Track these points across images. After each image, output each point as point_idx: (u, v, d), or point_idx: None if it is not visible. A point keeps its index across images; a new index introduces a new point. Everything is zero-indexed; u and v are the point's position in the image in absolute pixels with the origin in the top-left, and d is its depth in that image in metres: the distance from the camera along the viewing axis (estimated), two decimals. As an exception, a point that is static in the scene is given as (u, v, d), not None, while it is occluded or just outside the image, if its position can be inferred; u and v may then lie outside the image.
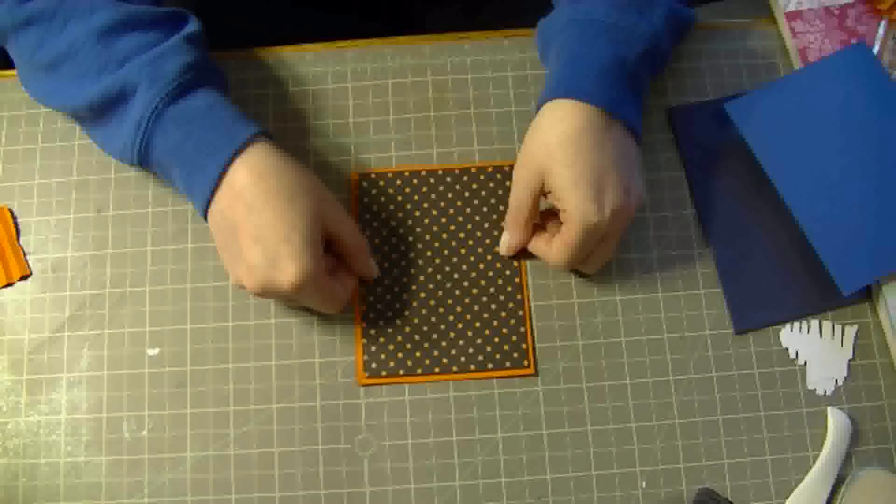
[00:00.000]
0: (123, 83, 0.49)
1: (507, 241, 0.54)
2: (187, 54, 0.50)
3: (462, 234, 0.56)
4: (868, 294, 0.55)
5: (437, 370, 0.53)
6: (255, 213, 0.47)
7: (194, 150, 0.49)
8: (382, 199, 0.56)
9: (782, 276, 0.55)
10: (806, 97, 0.55)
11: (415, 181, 0.57)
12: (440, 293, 0.55)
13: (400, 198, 0.57)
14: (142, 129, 0.49)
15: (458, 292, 0.55)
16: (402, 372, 0.53)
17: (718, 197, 0.57)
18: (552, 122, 0.50)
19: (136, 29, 0.50)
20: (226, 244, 0.49)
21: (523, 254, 0.55)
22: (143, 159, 0.50)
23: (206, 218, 0.50)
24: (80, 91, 0.50)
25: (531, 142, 0.51)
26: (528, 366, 0.53)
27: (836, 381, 0.54)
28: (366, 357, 0.54)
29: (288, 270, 0.47)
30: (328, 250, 0.51)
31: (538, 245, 0.53)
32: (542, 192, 0.51)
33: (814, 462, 0.52)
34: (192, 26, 0.52)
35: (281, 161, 0.49)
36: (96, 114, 0.51)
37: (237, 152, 0.48)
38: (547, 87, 0.52)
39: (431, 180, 0.57)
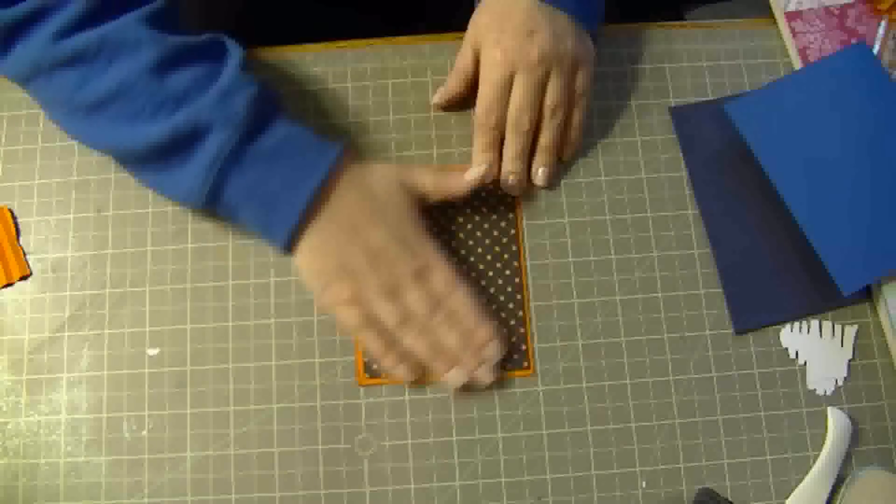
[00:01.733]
0: (194, 124, 0.47)
1: (443, 87, 0.57)
2: (249, 86, 0.49)
3: (462, 234, 0.56)
4: (868, 294, 0.55)
5: (437, 370, 0.53)
6: (372, 211, 0.51)
7: (278, 187, 0.49)
8: (382, 199, 0.56)
9: (782, 276, 0.55)
10: (806, 97, 0.55)
11: (415, 181, 0.57)
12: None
13: (400, 198, 0.56)
14: (215, 171, 0.48)
15: (458, 292, 0.55)
16: (402, 372, 0.53)
17: (718, 197, 0.57)
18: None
19: (186, 61, 0.49)
20: (333, 258, 0.50)
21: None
22: (210, 201, 0.49)
23: (289, 251, 0.51)
24: (135, 132, 0.48)
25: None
26: (528, 367, 0.53)
27: (836, 381, 0.54)
28: (366, 357, 0.54)
29: (417, 247, 0.51)
30: None
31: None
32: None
33: (814, 462, 0.52)
34: (237, 52, 0.51)
35: (363, 167, 0.52)
36: (155, 156, 0.49)
37: (327, 178, 0.50)
38: None
39: (431, 180, 0.57)
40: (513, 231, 0.56)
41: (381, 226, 0.51)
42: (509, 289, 0.55)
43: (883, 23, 0.59)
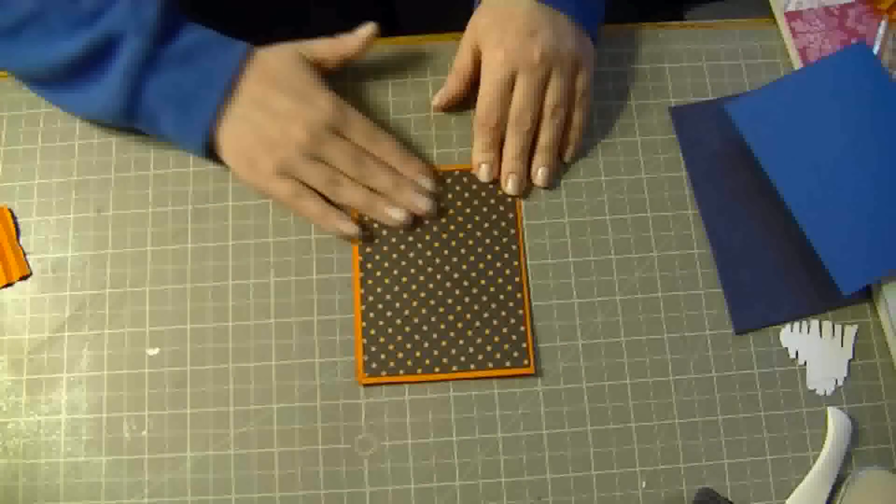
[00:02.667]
0: (107, 35, 0.49)
1: (443, 89, 0.58)
2: None
3: (462, 234, 0.56)
4: (868, 294, 0.55)
5: (437, 370, 0.53)
6: (274, 82, 0.52)
7: (194, 85, 0.51)
8: (382, 199, 0.56)
9: (782, 276, 0.55)
10: (806, 97, 0.55)
11: (415, 181, 0.57)
12: (440, 293, 0.55)
13: (400, 198, 0.57)
14: (130, 77, 0.49)
15: (458, 292, 0.55)
16: (402, 372, 0.53)
17: (718, 197, 0.57)
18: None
19: None
20: (250, 135, 0.52)
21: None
22: (127, 109, 0.51)
23: (206, 149, 0.53)
24: (51, 51, 0.50)
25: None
26: (529, 365, 0.53)
27: (836, 381, 0.54)
28: (366, 357, 0.54)
29: (321, 101, 0.52)
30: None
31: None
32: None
33: (814, 462, 0.52)
34: None
35: (260, 48, 0.54)
36: (70, 73, 0.51)
37: (237, 69, 0.52)
38: None
39: (431, 180, 0.57)
40: (513, 231, 0.56)
41: (284, 93, 0.52)
42: (509, 289, 0.55)
43: (883, 23, 0.59)
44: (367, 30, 0.55)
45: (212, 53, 0.52)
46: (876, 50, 0.58)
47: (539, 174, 0.56)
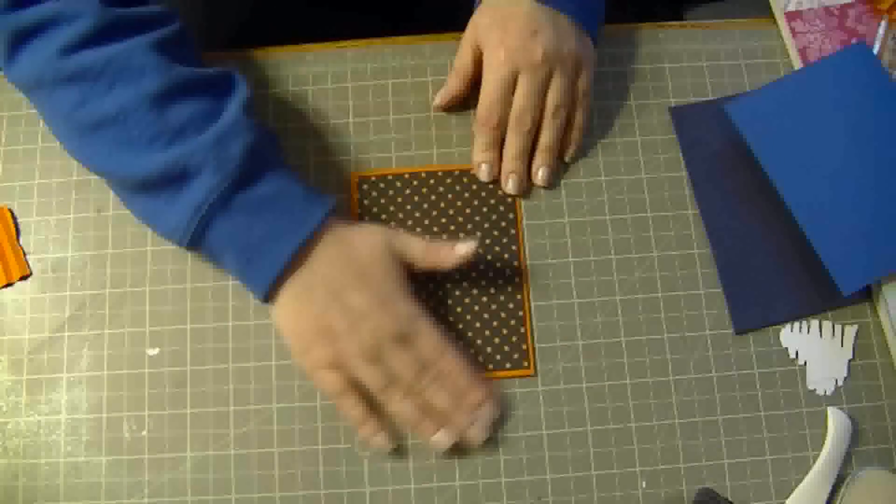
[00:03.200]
0: (186, 163, 0.46)
1: (444, 89, 0.57)
2: (249, 133, 0.48)
3: (462, 235, 0.56)
4: (868, 294, 0.55)
5: (437, 370, 0.53)
6: (356, 274, 0.49)
7: (260, 238, 0.48)
8: (383, 200, 0.56)
9: (782, 276, 0.55)
10: (806, 97, 0.55)
11: (415, 182, 0.57)
12: (440, 293, 0.55)
13: (400, 199, 0.56)
14: (201, 214, 0.47)
15: (458, 292, 0.55)
16: (402, 372, 0.53)
17: (718, 197, 0.57)
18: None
19: (189, 94, 0.48)
20: (313, 320, 0.49)
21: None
22: (193, 242, 0.48)
23: (267, 301, 0.50)
24: (128, 160, 0.47)
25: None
26: (528, 366, 0.53)
27: (836, 381, 0.54)
28: (366, 357, 0.54)
29: (400, 308, 0.49)
30: None
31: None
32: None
33: (814, 462, 0.52)
34: (243, 90, 0.50)
35: (350, 227, 0.51)
36: (146, 187, 0.48)
37: (311, 236, 0.49)
38: None
39: (431, 181, 0.57)
40: (513, 231, 0.56)
41: (364, 289, 0.49)
42: (509, 289, 0.55)
43: (883, 23, 0.59)
44: (465, 247, 0.51)
45: (288, 207, 0.49)
46: (876, 50, 0.58)
47: (539, 174, 0.56)
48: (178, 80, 0.48)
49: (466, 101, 0.58)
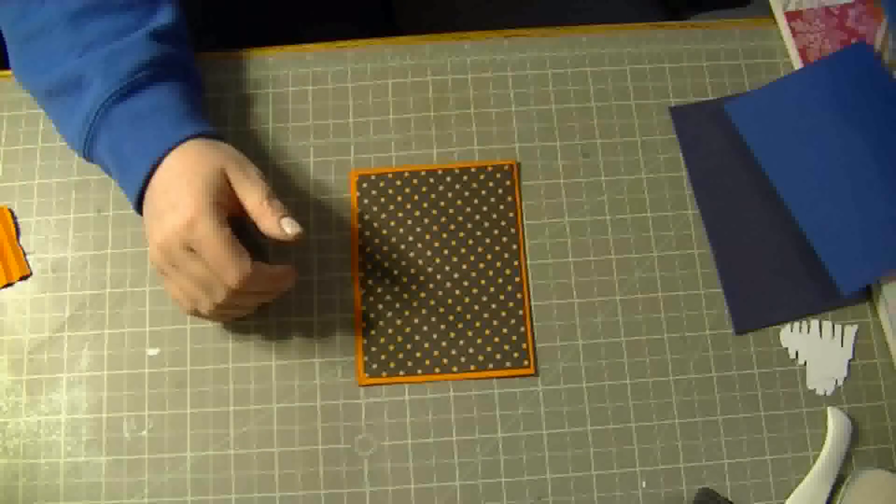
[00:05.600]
0: (80, 73, 0.49)
1: None
2: (146, 52, 0.50)
3: (462, 234, 0.56)
4: (868, 294, 0.55)
5: (437, 370, 0.53)
6: (170, 190, 0.47)
7: (130, 151, 0.49)
8: (382, 199, 0.56)
9: (782, 276, 0.55)
10: (806, 97, 0.55)
11: (415, 181, 0.57)
12: (440, 293, 0.55)
13: (400, 198, 0.57)
14: (88, 123, 0.49)
15: (458, 292, 0.55)
16: (402, 372, 0.53)
17: (718, 197, 0.57)
18: None
19: (109, 13, 0.50)
20: (152, 230, 0.48)
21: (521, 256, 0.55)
22: (88, 153, 0.51)
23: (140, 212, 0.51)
24: (45, 71, 0.50)
25: None
26: (528, 366, 0.53)
27: (836, 381, 0.54)
28: (366, 357, 0.54)
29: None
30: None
31: None
32: None
33: (814, 462, 0.52)
34: (164, 17, 0.52)
35: (203, 148, 0.49)
36: (54, 98, 0.51)
37: (164, 155, 0.48)
38: None
39: (431, 180, 0.57)
40: (513, 231, 0.56)
41: (179, 205, 0.47)
42: (509, 289, 0.55)
43: (883, 23, 0.59)
44: (290, 227, 0.49)
45: (159, 123, 0.49)
46: (876, 50, 0.58)
47: None
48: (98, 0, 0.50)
49: (466, 102, 0.58)
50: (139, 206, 0.50)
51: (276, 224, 0.48)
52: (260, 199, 0.49)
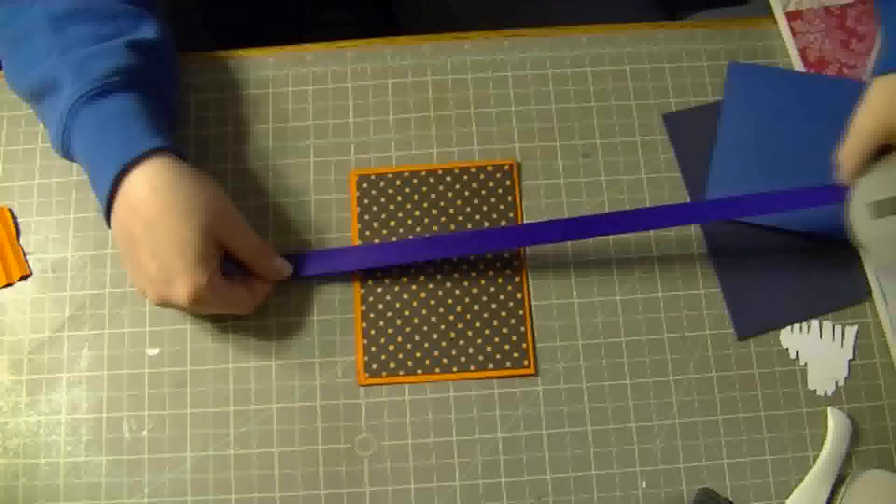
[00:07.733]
0: (56, 74, 0.49)
1: (844, 168, 0.51)
2: (121, 59, 0.49)
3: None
4: (868, 294, 0.55)
5: (437, 370, 0.53)
6: (150, 229, 0.47)
7: (98, 154, 0.49)
8: (382, 199, 0.56)
9: (783, 282, 0.55)
10: (800, 98, 0.56)
11: (415, 181, 0.57)
12: (440, 293, 0.55)
13: (400, 198, 0.57)
14: (63, 123, 0.49)
15: (458, 292, 0.55)
16: (402, 372, 0.53)
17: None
18: None
19: (91, 20, 0.50)
20: (126, 254, 0.50)
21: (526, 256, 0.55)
22: (68, 154, 0.51)
23: (108, 224, 0.50)
24: (27, 74, 0.50)
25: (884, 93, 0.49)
26: (529, 366, 0.53)
27: (836, 381, 0.54)
28: (366, 357, 0.54)
29: (182, 287, 0.48)
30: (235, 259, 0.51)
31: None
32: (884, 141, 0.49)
33: (814, 462, 0.52)
34: (147, 33, 0.52)
35: (178, 175, 0.48)
36: (39, 100, 0.51)
37: (133, 163, 0.48)
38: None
39: (431, 180, 0.57)
40: (513, 231, 0.56)
41: (155, 249, 0.48)
42: (509, 288, 0.55)
43: (883, 23, 0.59)
44: (284, 268, 0.53)
45: (122, 130, 0.48)
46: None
47: None
48: (85, 5, 0.50)
49: (466, 102, 0.58)
50: (108, 212, 0.49)
51: (273, 267, 0.52)
52: (256, 251, 0.51)
